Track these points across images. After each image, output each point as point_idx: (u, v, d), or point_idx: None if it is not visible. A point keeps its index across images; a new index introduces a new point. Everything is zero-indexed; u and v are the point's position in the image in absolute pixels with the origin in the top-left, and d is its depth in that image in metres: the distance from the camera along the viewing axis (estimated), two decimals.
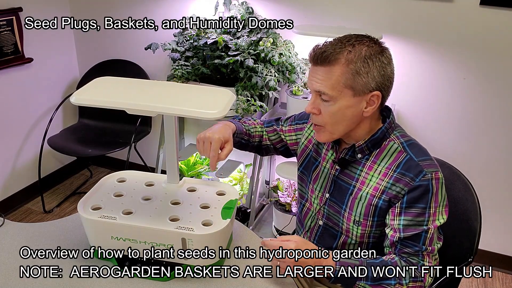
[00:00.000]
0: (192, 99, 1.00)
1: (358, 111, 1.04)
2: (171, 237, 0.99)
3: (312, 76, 1.05)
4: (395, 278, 0.99)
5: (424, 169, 1.02)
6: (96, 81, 1.08)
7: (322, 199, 1.20)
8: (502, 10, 1.85)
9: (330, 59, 1.00)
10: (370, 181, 1.09)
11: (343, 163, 1.13)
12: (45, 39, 2.58)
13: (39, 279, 1.01)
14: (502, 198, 2.14)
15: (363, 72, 1.00)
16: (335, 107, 1.03)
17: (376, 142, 1.08)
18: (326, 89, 1.01)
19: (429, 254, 1.03)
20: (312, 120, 1.10)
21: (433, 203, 1.03)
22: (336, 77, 1.00)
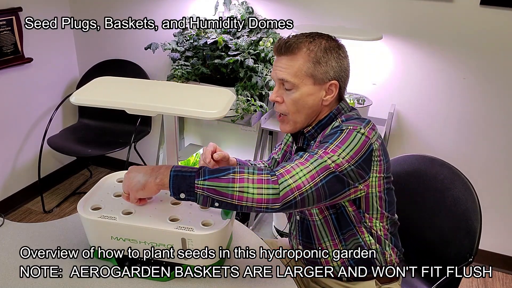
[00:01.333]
0: (192, 99, 1.00)
1: (318, 99, 1.10)
2: (171, 237, 0.99)
3: (275, 66, 1.10)
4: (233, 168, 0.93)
5: (343, 124, 1.06)
6: (96, 81, 1.08)
7: None
8: (502, 10, 1.85)
9: (293, 48, 1.07)
10: None
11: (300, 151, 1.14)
12: (45, 39, 2.58)
13: (39, 279, 1.01)
14: (502, 198, 2.14)
15: (322, 62, 1.07)
16: (297, 95, 1.08)
17: (324, 126, 1.13)
18: (289, 77, 1.07)
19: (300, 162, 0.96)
20: (276, 109, 1.13)
21: (336, 142, 1.00)
22: (298, 65, 1.07)
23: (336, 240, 1.16)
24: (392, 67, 2.12)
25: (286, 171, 0.94)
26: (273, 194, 0.91)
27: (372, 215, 1.13)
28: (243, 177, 0.92)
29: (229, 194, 0.91)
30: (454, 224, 1.30)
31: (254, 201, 0.91)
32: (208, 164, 1.17)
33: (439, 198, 1.36)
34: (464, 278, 2.18)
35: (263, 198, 0.91)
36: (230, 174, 0.92)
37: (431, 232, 1.38)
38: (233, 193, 0.91)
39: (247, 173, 0.93)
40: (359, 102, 1.99)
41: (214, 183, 0.91)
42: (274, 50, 1.12)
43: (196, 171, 0.93)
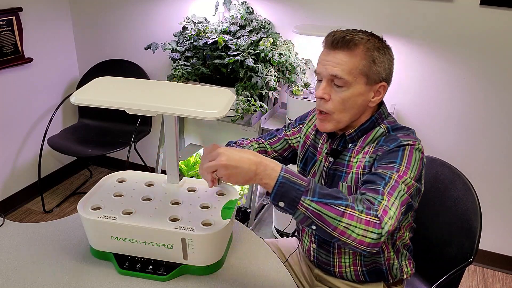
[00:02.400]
0: (192, 99, 1.00)
1: (366, 101, 1.06)
2: (171, 237, 0.99)
3: (325, 61, 1.04)
4: (346, 200, 0.87)
5: (400, 138, 1.04)
6: (96, 81, 1.08)
7: None
8: (502, 10, 1.85)
9: (351, 44, 1.01)
10: (355, 163, 1.10)
11: (335, 153, 1.14)
12: (45, 39, 2.58)
13: (39, 279, 1.01)
14: (502, 198, 2.14)
15: (377, 61, 1.04)
16: (348, 93, 1.03)
17: (366, 130, 1.10)
18: (343, 74, 1.02)
19: (390, 194, 0.92)
20: (320, 107, 1.08)
21: (404, 162, 0.99)
22: (354, 63, 1.02)
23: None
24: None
25: (384, 211, 0.88)
26: (376, 239, 0.86)
27: (404, 226, 1.15)
28: (353, 214, 0.85)
29: (333, 225, 0.86)
30: (454, 224, 1.30)
31: (356, 241, 0.86)
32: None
33: (439, 199, 1.36)
34: (464, 278, 2.18)
35: (365, 241, 0.86)
36: (342, 206, 0.86)
37: (431, 232, 1.38)
38: (338, 226, 0.85)
39: (358, 211, 0.86)
40: None
41: (322, 209, 0.85)
42: (326, 43, 1.05)
43: (306, 185, 0.86)
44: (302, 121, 1.31)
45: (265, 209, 2.52)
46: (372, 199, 0.90)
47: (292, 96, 2.06)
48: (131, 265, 1.04)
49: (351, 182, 1.09)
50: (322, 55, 1.07)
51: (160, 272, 1.02)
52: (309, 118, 1.30)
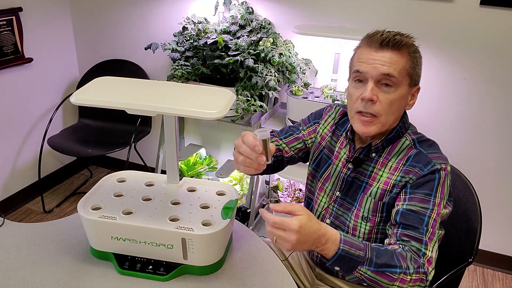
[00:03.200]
0: (192, 99, 1.00)
1: (406, 103, 1.08)
2: (171, 237, 0.99)
3: (373, 60, 1.02)
4: (401, 267, 0.92)
5: (433, 160, 1.03)
6: (96, 81, 1.08)
7: (332, 197, 1.19)
8: (502, 10, 1.85)
9: (401, 44, 1.02)
10: (381, 176, 1.08)
11: (357, 162, 1.12)
12: (45, 39, 2.58)
13: (39, 279, 1.01)
14: (503, 198, 2.14)
15: (418, 64, 1.06)
16: (396, 95, 1.03)
17: (392, 141, 1.09)
18: (395, 72, 1.01)
19: (430, 239, 0.98)
20: (367, 109, 1.04)
21: (438, 193, 1.01)
22: (404, 63, 1.02)
23: None
24: None
25: (429, 262, 0.95)
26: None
27: None
28: (405, 279, 0.92)
29: (384, 286, 0.93)
30: (454, 224, 1.30)
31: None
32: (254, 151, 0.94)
33: None
34: (464, 278, 2.18)
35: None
36: (396, 274, 0.91)
37: None
38: (388, 287, 0.93)
39: (409, 274, 0.92)
40: None
41: (377, 276, 0.91)
42: (372, 43, 1.03)
43: (363, 256, 0.91)
44: (317, 120, 1.28)
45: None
46: (417, 250, 0.96)
47: (292, 96, 2.06)
48: (131, 265, 1.04)
49: (375, 196, 1.08)
50: (365, 54, 1.04)
51: (160, 272, 1.02)
52: (324, 117, 1.26)
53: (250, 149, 0.93)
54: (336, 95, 2.02)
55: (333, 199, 1.19)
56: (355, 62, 1.07)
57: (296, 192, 2.29)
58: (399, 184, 1.05)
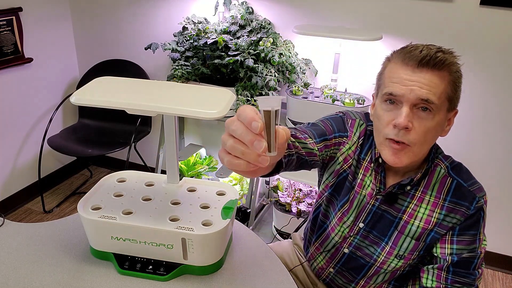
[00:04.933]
0: (192, 99, 1.00)
1: (442, 130, 0.96)
2: (171, 237, 0.99)
3: (411, 81, 0.88)
4: None
5: (476, 195, 0.96)
6: (96, 81, 1.08)
7: (353, 228, 1.08)
8: (502, 10, 1.85)
9: (443, 64, 0.88)
10: (419, 212, 0.99)
11: (391, 197, 1.01)
12: (45, 39, 2.58)
13: (39, 279, 1.01)
14: (503, 199, 2.14)
15: (459, 85, 0.92)
16: (434, 122, 0.90)
17: (428, 172, 1.00)
18: (434, 97, 0.87)
19: (479, 279, 0.97)
20: (399, 137, 0.90)
21: (482, 228, 0.97)
22: (444, 86, 0.89)
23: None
24: None
25: None
26: None
27: None
28: None
29: None
30: None
31: None
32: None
33: None
34: None
35: None
36: None
37: None
38: None
39: None
40: (359, 102, 1.99)
41: None
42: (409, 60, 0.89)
43: None
44: (342, 134, 1.07)
45: (265, 209, 2.52)
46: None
47: (292, 96, 2.06)
48: (131, 265, 1.04)
49: (413, 236, 1.00)
50: (400, 74, 0.90)
51: (160, 272, 1.02)
52: (350, 136, 1.07)
53: (244, 127, 0.55)
54: (336, 95, 2.02)
55: (355, 230, 1.08)
56: (386, 80, 0.93)
57: (296, 192, 2.29)
58: (443, 223, 0.97)
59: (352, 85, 2.20)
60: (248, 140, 0.54)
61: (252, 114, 0.54)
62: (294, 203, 2.24)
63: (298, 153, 0.95)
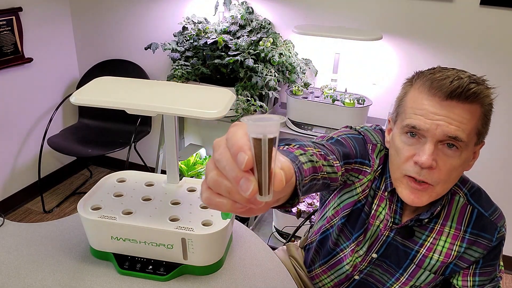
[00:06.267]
0: (192, 99, 1.00)
1: (468, 166, 0.86)
2: (171, 237, 0.99)
3: (438, 115, 0.77)
4: None
5: (498, 224, 0.92)
6: (96, 81, 1.08)
7: (366, 258, 1.03)
8: (502, 10, 1.85)
9: (476, 97, 0.77)
10: (438, 246, 0.94)
11: (407, 231, 0.94)
12: (45, 39, 2.58)
13: (39, 279, 1.01)
14: (502, 198, 2.14)
15: (489, 118, 0.82)
16: (460, 160, 0.80)
17: (447, 202, 0.93)
18: (463, 135, 0.78)
19: None
20: (419, 175, 0.81)
21: (501, 254, 0.95)
22: (476, 121, 0.79)
23: None
24: (392, 67, 2.12)
25: None
26: None
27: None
28: None
29: None
30: None
31: None
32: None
33: None
34: None
35: None
36: None
37: None
38: None
39: None
40: (359, 102, 1.99)
41: None
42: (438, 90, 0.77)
43: None
44: (364, 160, 0.95)
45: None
46: None
47: (292, 96, 2.06)
48: (131, 265, 1.04)
49: (432, 269, 0.95)
50: (425, 105, 0.79)
51: (160, 272, 1.02)
52: (373, 165, 0.95)
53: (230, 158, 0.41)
54: (336, 95, 2.02)
55: (367, 260, 1.03)
56: (408, 110, 0.82)
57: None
58: (464, 256, 0.93)
59: (352, 85, 2.20)
60: (232, 177, 0.40)
61: (241, 142, 0.40)
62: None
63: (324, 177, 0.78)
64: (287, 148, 0.74)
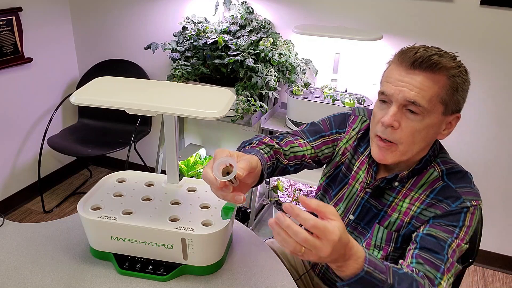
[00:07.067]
0: (192, 99, 1.00)
1: (437, 133, 0.95)
2: (171, 237, 0.99)
3: (402, 82, 0.89)
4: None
5: (463, 196, 0.93)
6: (96, 81, 1.08)
7: (344, 220, 1.10)
8: (502, 10, 1.85)
9: (437, 66, 0.87)
10: (401, 207, 1.00)
11: (378, 191, 1.03)
12: (45, 39, 2.58)
13: (39, 279, 1.01)
14: (502, 198, 2.14)
15: (460, 89, 0.91)
16: (422, 124, 0.90)
17: (418, 171, 0.99)
18: (423, 101, 0.87)
19: (449, 270, 0.89)
20: (385, 134, 0.93)
21: (465, 227, 0.92)
22: (437, 89, 0.88)
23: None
24: None
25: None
26: None
27: None
28: None
29: None
30: None
31: None
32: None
33: None
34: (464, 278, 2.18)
35: None
36: None
37: None
38: None
39: None
40: (359, 102, 1.99)
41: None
42: (403, 61, 0.90)
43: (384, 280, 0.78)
44: (341, 130, 1.13)
45: (265, 209, 2.52)
46: (433, 278, 0.87)
47: (292, 96, 2.06)
48: (131, 265, 1.04)
49: (391, 228, 1.01)
50: (394, 74, 0.91)
51: (160, 272, 1.02)
52: (348, 131, 1.12)
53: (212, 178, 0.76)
54: (336, 95, 2.02)
55: (345, 222, 1.10)
56: (383, 80, 0.96)
57: (296, 192, 2.29)
58: (419, 217, 0.96)
59: (352, 85, 2.20)
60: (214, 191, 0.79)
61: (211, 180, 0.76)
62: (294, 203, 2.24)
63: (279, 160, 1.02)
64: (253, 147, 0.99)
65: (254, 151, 0.94)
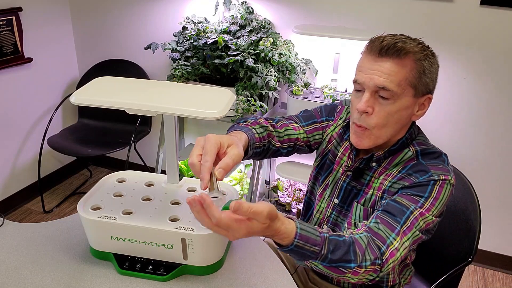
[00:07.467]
0: (192, 99, 1.00)
1: (410, 115, 0.99)
2: (171, 237, 0.99)
3: (370, 70, 0.95)
4: (355, 261, 0.85)
5: (431, 170, 0.96)
6: (96, 81, 1.08)
7: (330, 204, 1.16)
8: (502, 10, 1.85)
9: (402, 52, 0.93)
10: (376, 184, 1.05)
11: (357, 172, 1.08)
12: (45, 39, 2.58)
13: (38, 279, 1.01)
14: (502, 198, 2.14)
15: (427, 72, 0.96)
16: (394, 107, 0.95)
17: (394, 152, 1.04)
18: (392, 85, 0.93)
19: (405, 233, 0.90)
20: (360, 121, 0.98)
21: (431, 198, 0.94)
22: (405, 73, 0.93)
23: None
24: None
25: (391, 254, 0.88)
26: (375, 277, 0.88)
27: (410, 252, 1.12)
28: (359, 271, 0.86)
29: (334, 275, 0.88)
30: (453, 224, 1.30)
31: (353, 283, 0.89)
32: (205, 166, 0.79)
33: None
34: (464, 278, 2.18)
35: (363, 281, 0.89)
36: (350, 268, 0.85)
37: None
38: (339, 277, 0.88)
39: (364, 267, 0.85)
40: None
41: (328, 271, 0.86)
42: (371, 50, 0.96)
43: (318, 251, 0.83)
44: (330, 118, 1.20)
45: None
46: (385, 237, 0.89)
47: (292, 96, 2.06)
48: (131, 265, 1.04)
49: (367, 205, 1.05)
50: (365, 63, 0.97)
51: (160, 272, 1.02)
52: (336, 120, 1.19)
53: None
54: (336, 95, 2.02)
55: (331, 206, 1.16)
56: (356, 70, 1.01)
57: (296, 192, 2.29)
58: (390, 190, 1.00)
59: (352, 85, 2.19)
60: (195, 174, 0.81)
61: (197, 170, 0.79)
62: (294, 203, 2.24)
63: (271, 143, 1.10)
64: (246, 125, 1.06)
65: (245, 129, 1.01)
